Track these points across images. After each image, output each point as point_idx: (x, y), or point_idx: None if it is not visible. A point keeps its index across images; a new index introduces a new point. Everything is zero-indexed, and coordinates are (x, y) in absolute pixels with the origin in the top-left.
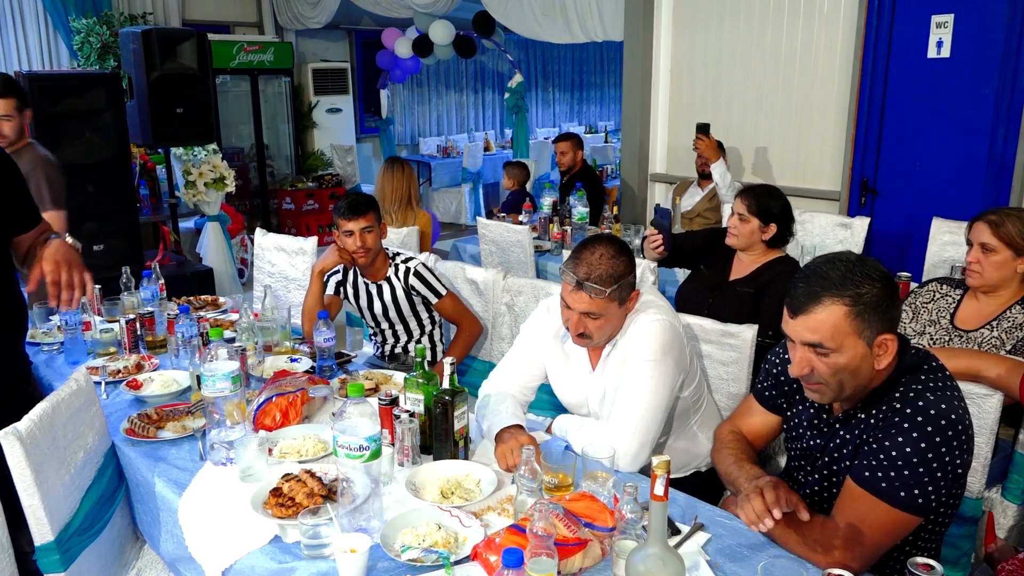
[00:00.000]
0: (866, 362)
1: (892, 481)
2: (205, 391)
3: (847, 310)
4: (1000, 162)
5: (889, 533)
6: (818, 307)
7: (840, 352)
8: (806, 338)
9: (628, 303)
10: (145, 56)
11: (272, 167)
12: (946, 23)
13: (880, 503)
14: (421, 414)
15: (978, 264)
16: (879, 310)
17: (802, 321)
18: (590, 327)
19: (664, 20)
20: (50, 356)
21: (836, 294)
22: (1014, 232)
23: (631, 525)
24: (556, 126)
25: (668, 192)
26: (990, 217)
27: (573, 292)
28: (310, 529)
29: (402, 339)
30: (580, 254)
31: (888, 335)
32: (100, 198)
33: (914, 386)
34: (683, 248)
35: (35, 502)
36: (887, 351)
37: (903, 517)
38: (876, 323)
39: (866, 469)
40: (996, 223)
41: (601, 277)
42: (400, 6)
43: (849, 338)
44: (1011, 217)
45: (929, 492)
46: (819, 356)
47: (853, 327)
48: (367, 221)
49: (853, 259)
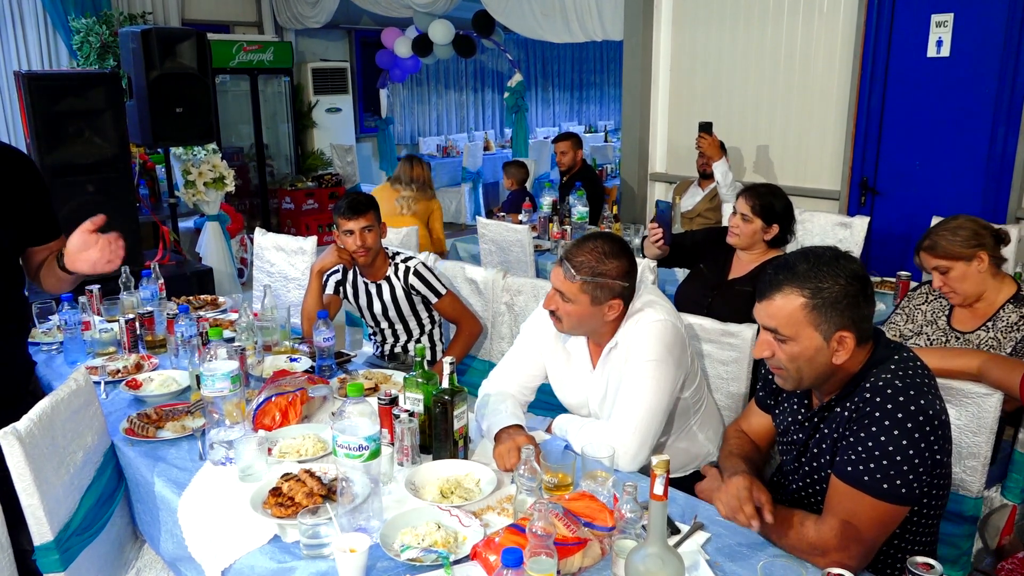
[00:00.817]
0: (822, 354)
1: (873, 473)
2: (204, 391)
3: (804, 302)
4: (1000, 161)
5: (880, 526)
6: (778, 295)
7: (795, 341)
8: (765, 322)
9: (606, 308)
10: (145, 56)
11: (272, 167)
12: (946, 22)
13: (865, 497)
14: (420, 414)
15: (946, 286)
16: (838, 307)
17: (764, 306)
18: (560, 308)
19: (664, 19)
20: (49, 356)
21: (797, 285)
22: (950, 246)
23: (631, 524)
24: (556, 125)
25: (668, 192)
26: (924, 244)
27: (555, 265)
28: (309, 529)
29: (402, 338)
30: (583, 239)
31: (846, 332)
32: (99, 198)
33: (883, 375)
34: (683, 247)
35: (34, 502)
36: (844, 347)
37: (890, 508)
38: (835, 319)
39: (847, 464)
40: (931, 247)
41: (581, 263)
42: (400, 5)
43: (805, 329)
44: (940, 234)
45: (911, 480)
46: (778, 342)
47: (809, 319)
48: (367, 220)
49: (827, 255)
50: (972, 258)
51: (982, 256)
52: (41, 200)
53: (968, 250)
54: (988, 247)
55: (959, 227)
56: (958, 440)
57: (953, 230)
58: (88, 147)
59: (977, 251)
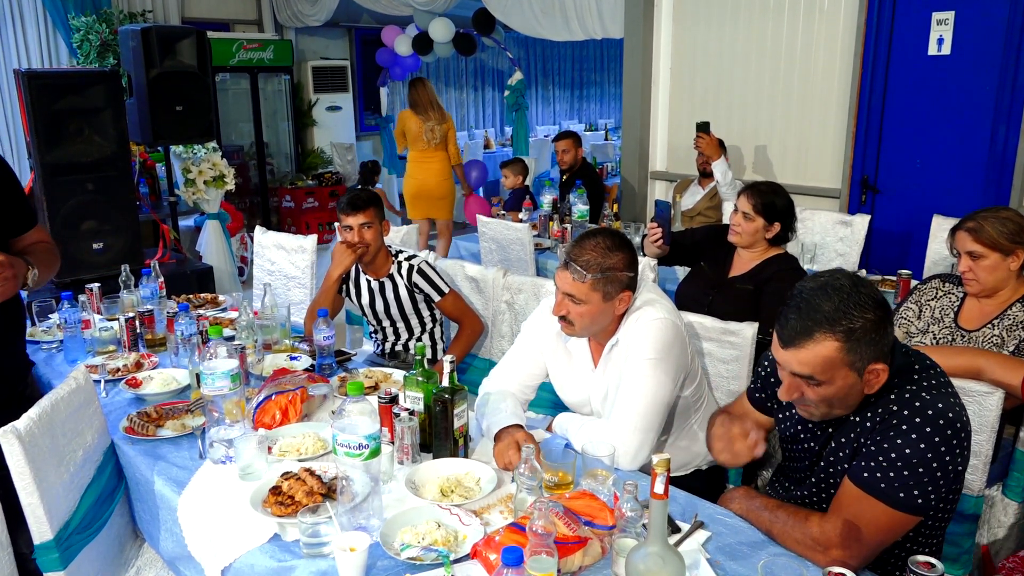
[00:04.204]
0: (855, 389)
1: (892, 482)
2: (205, 389)
3: (839, 345)
4: (1001, 159)
5: (887, 532)
6: (810, 342)
7: (831, 383)
8: (797, 370)
9: (616, 302)
10: (145, 54)
11: (272, 165)
12: (947, 20)
13: (878, 503)
14: (421, 412)
15: (971, 272)
16: (871, 341)
17: (793, 354)
18: (572, 312)
19: (664, 17)
20: (49, 354)
21: (828, 329)
22: (995, 234)
23: (631, 523)
24: (556, 124)
25: (668, 190)
26: (968, 225)
27: (560, 270)
28: (309, 527)
29: (402, 337)
30: (581, 238)
31: (879, 364)
32: (99, 196)
33: (909, 387)
34: (683, 245)
35: (34, 500)
36: (878, 379)
37: (902, 517)
38: (868, 353)
39: (865, 470)
40: (975, 229)
41: (588, 262)
42: (400, 4)
43: (840, 370)
44: (988, 220)
45: (928, 492)
46: (809, 386)
47: (845, 360)
48: (367, 217)
49: (847, 287)
50: (1010, 252)
51: (1019, 254)
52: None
53: (1011, 244)
54: None
55: (1008, 219)
56: None
57: (1003, 220)
58: (88, 145)
59: (1017, 248)
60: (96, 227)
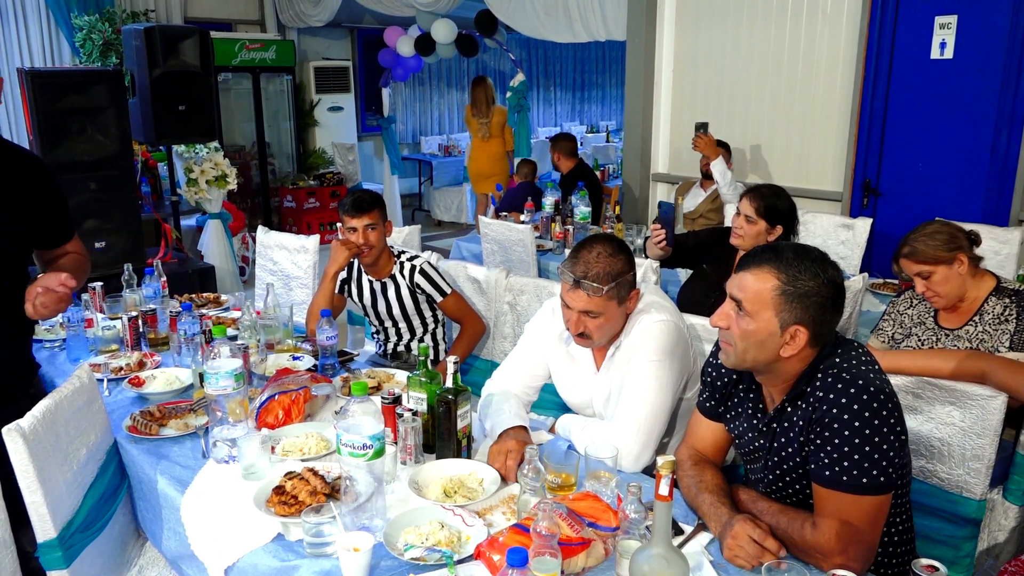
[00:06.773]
0: (772, 341)
1: (850, 471)
2: (208, 388)
3: (776, 284)
4: (1003, 163)
5: (871, 520)
6: (755, 270)
7: (753, 319)
8: (734, 292)
9: (628, 302)
10: (147, 53)
11: (273, 165)
12: (949, 24)
13: (846, 496)
14: (424, 413)
15: (929, 291)
16: (804, 302)
17: (738, 277)
18: (590, 326)
19: (667, 20)
20: (52, 353)
21: (776, 267)
22: (930, 250)
23: (635, 525)
24: (558, 125)
25: (670, 192)
26: (904, 251)
27: (571, 291)
28: (313, 527)
29: (404, 337)
30: (578, 253)
31: (802, 328)
32: (102, 195)
33: (831, 370)
34: (685, 247)
35: (38, 499)
36: (795, 342)
37: (874, 500)
38: (797, 311)
39: (825, 469)
40: (911, 253)
41: (598, 275)
42: (402, 4)
43: (766, 310)
44: (919, 240)
45: (885, 467)
46: (737, 315)
47: (774, 302)
48: (371, 218)
49: (815, 254)
50: (952, 260)
51: (961, 258)
52: (52, 205)
53: (948, 253)
54: (965, 248)
55: (935, 232)
56: (961, 442)
57: (930, 235)
58: (90, 144)
59: (956, 253)
60: (98, 226)
